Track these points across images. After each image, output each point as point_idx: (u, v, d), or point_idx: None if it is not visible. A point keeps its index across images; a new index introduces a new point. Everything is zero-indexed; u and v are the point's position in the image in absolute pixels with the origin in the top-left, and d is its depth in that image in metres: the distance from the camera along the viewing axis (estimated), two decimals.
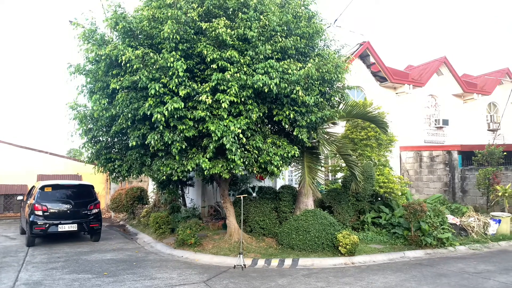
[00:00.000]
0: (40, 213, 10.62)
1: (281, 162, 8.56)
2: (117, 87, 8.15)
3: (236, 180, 13.42)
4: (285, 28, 8.79)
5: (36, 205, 10.66)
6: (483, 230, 11.29)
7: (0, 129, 55.47)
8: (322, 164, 11.88)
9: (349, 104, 10.98)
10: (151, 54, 7.85)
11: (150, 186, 19.59)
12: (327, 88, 9.76)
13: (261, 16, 8.45)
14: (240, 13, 8.39)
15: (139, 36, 8.80)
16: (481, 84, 24.20)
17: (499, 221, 11.62)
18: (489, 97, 24.07)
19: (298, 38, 8.77)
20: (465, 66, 73.55)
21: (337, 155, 11.31)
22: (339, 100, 10.58)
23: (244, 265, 8.17)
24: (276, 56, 8.49)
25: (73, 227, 10.88)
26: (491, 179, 13.79)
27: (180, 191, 15.19)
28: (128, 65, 8.01)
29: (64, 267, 8.06)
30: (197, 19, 8.21)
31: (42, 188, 11.15)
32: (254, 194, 8.54)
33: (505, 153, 14.37)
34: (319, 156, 10.82)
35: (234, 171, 8.51)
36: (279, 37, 8.48)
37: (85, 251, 10.02)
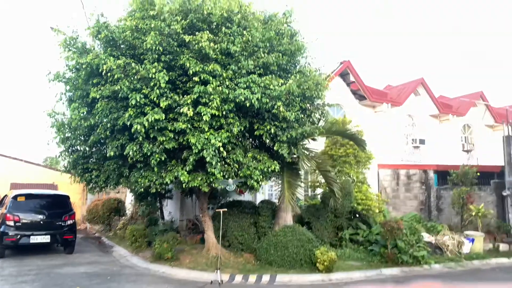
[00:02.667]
0: (11, 223, 10.27)
1: (261, 177, 8.58)
2: (97, 96, 8.06)
3: (215, 194, 13.32)
4: (268, 45, 8.92)
5: (8, 215, 10.32)
6: (457, 249, 11.48)
7: None
8: (302, 180, 11.95)
9: (329, 121, 11.15)
10: (133, 65, 7.82)
11: (128, 198, 19.22)
12: (308, 105, 9.90)
13: (245, 32, 8.55)
14: (223, 28, 8.48)
15: (122, 46, 8.77)
16: (456, 106, 24.97)
17: (473, 240, 11.86)
18: (464, 118, 24.82)
19: (280, 54, 8.90)
20: (441, 88, 75.95)
21: (317, 171, 11.40)
22: (319, 116, 10.72)
23: (222, 281, 8.06)
24: (258, 72, 8.58)
25: (46, 238, 10.55)
26: (465, 199, 14.12)
27: (158, 204, 14.96)
28: (109, 74, 7.95)
29: (35, 281, 7.78)
30: (180, 31, 8.25)
31: (15, 197, 10.82)
32: (232, 186, 8.44)
33: (478, 173, 14.76)
34: (299, 172, 10.89)
35: (213, 185, 8.46)
36: (261, 53, 8.59)
37: (57, 264, 9.70)
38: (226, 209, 9.97)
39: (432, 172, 17.45)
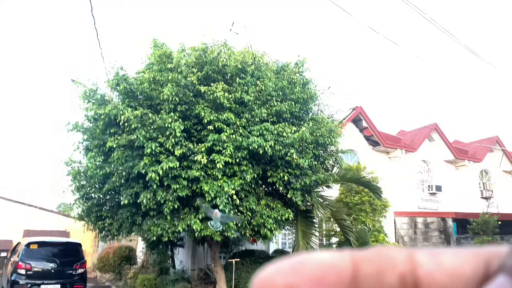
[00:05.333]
0: (23, 271, 10.16)
1: (275, 225, 8.45)
2: (114, 145, 8.24)
3: (228, 242, 13.07)
4: (281, 93, 9.13)
5: (20, 263, 10.24)
6: None
7: None
8: (316, 229, 11.70)
9: (343, 167, 11.08)
10: (150, 115, 8.04)
11: (139, 246, 18.97)
12: (321, 152, 9.91)
13: (258, 82, 8.80)
14: (237, 78, 8.75)
15: (139, 97, 9.07)
16: (472, 151, 24.65)
17: None
18: (481, 164, 24.39)
19: (293, 102, 9.07)
20: (455, 133, 75.48)
21: (332, 219, 11.19)
22: (333, 163, 10.69)
23: None
24: (272, 119, 8.72)
25: (56, 287, 10.37)
26: None
27: (169, 252, 14.71)
28: (126, 124, 8.17)
29: None
30: (196, 82, 8.54)
31: (28, 245, 10.78)
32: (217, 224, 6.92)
33: (499, 222, 14.28)
34: (313, 220, 10.69)
35: (226, 234, 8.34)
36: (274, 101, 8.78)
37: None
38: (238, 259, 9.74)
39: (451, 220, 16.93)
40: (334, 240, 14.20)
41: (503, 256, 0.24)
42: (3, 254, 12.86)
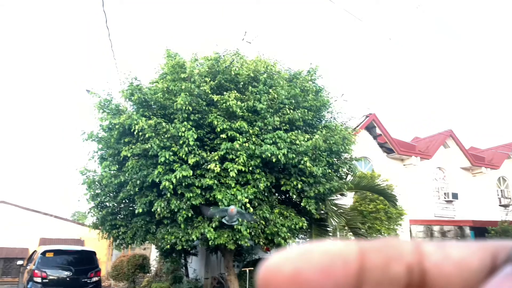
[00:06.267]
0: (39, 279, 10.27)
1: (289, 234, 8.38)
2: (128, 155, 8.32)
3: (241, 251, 13.02)
4: (293, 101, 9.11)
5: (36, 271, 10.36)
6: None
7: (3, 190, 55.74)
8: (331, 237, 11.57)
9: (357, 175, 10.97)
10: (163, 124, 8.10)
11: (153, 254, 19.03)
12: (335, 159, 9.84)
13: (270, 90, 8.81)
14: (250, 87, 8.77)
15: (153, 107, 9.16)
16: (489, 158, 24.17)
17: None
18: (498, 171, 23.89)
19: (306, 110, 9.04)
20: (470, 139, 74.27)
21: (346, 228, 11.05)
22: (347, 171, 10.59)
23: None
24: (284, 127, 8.70)
25: None
26: None
27: (183, 260, 14.71)
28: (140, 133, 8.24)
29: None
30: (209, 91, 8.59)
31: (44, 253, 10.91)
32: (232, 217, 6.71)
33: None
34: (328, 229, 10.57)
35: (240, 242, 8.31)
36: (287, 109, 8.76)
37: None
38: (252, 268, 9.68)
39: (468, 229, 16.57)
40: None
41: (510, 249, 0.24)
42: (20, 262, 13.03)
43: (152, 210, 8.27)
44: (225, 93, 8.64)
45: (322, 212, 10.09)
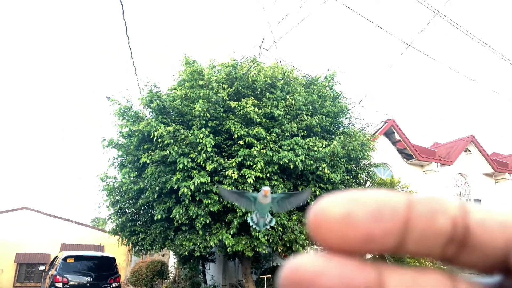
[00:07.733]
0: (60, 285, 10.44)
1: (307, 241, 8.30)
2: (147, 161, 8.41)
3: (259, 258, 12.96)
4: (311, 107, 9.07)
5: (58, 276, 10.53)
6: None
7: (25, 196, 57.11)
8: None
9: (376, 182, 10.82)
10: (182, 131, 8.18)
11: (171, 260, 19.13)
12: (353, 166, 9.73)
13: (288, 96, 8.80)
14: (267, 93, 8.79)
15: (172, 113, 9.26)
16: None
17: None
18: None
19: (323, 116, 8.99)
20: (492, 144, 72.43)
21: None
22: (365, 177, 10.46)
23: None
24: (302, 134, 8.66)
25: None
26: None
27: (201, 267, 14.73)
28: (159, 140, 8.34)
29: None
30: (226, 98, 8.64)
31: (65, 259, 11.09)
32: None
33: None
34: None
35: (258, 249, 8.28)
36: (304, 115, 8.73)
37: None
38: (270, 275, 9.61)
39: None
40: (368, 255, 13.80)
41: None
42: (42, 267, 13.27)
43: (171, 216, 8.33)
44: (242, 99, 8.67)
45: None
